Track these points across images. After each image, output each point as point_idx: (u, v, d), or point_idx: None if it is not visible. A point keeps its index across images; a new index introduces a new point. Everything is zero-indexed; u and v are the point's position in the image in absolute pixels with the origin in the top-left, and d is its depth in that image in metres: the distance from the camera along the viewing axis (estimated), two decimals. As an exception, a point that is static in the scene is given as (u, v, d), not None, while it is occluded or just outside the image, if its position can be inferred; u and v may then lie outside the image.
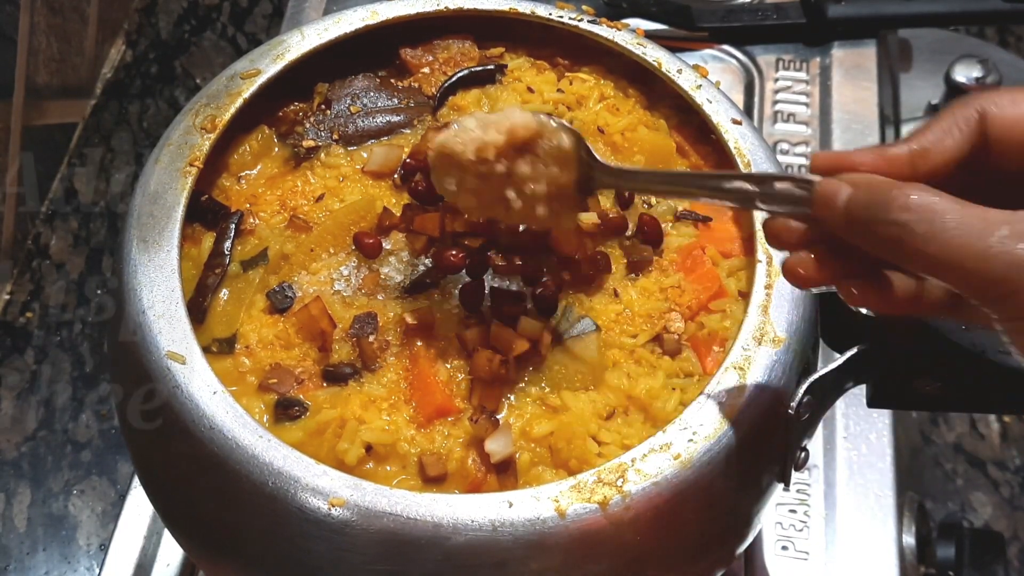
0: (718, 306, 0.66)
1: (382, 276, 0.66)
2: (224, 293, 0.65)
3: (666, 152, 0.72)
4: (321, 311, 0.63)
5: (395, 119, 0.74)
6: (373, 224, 0.68)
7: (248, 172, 0.72)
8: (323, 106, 0.75)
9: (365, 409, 0.60)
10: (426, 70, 0.77)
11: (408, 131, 0.74)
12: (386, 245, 0.67)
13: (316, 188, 0.71)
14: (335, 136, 0.73)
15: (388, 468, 0.59)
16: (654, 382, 0.62)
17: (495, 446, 0.59)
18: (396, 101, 0.75)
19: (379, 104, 0.75)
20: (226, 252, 0.66)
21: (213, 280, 0.65)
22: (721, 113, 0.71)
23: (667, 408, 0.61)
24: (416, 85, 0.77)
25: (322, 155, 0.72)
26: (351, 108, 0.75)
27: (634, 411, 0.62)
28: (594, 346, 0.63)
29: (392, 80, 0.77)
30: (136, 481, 0.90)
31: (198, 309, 0.64)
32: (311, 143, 0.73)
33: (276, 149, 0.73)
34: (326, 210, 0.69)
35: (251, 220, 0.69)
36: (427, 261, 0.66)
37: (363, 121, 0.74)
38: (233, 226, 0.67)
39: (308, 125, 0.74)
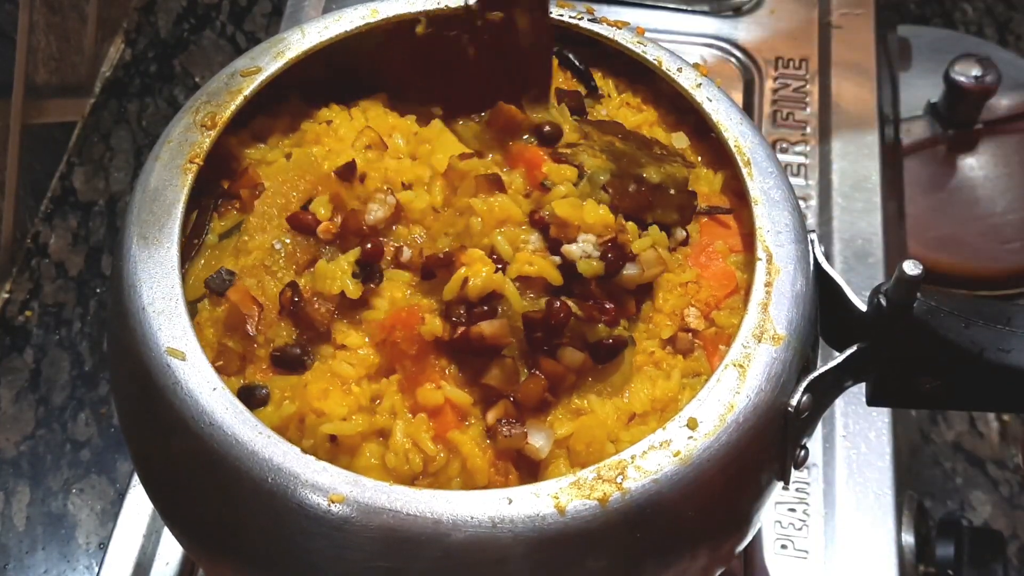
0: (729, 304, 0.65)
1: (322, 250, 0.64)
2: (201, 264, 0.65)
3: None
4: (242, 296, 0.61)
5: None
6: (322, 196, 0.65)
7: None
8: None
9: (343, 395, 0.59)
10: None
11: None
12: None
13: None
14: None
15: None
16: (672, 384, 0.62)
17: (540, 442, 0.58)
18: None
19: None
20: (206, 224, 0.66)
21: (190, 250, 0.64)
22: (721, 112, 0.71)
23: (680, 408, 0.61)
24: None
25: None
26: None
27: (652, 413, 0.61)
28: (628, 360, 0.62)
29: None
30: (135, 480, 0.90)
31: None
32: None
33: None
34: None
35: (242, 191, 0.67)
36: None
37: None
38: (214, 201, 0.67)
39: None
